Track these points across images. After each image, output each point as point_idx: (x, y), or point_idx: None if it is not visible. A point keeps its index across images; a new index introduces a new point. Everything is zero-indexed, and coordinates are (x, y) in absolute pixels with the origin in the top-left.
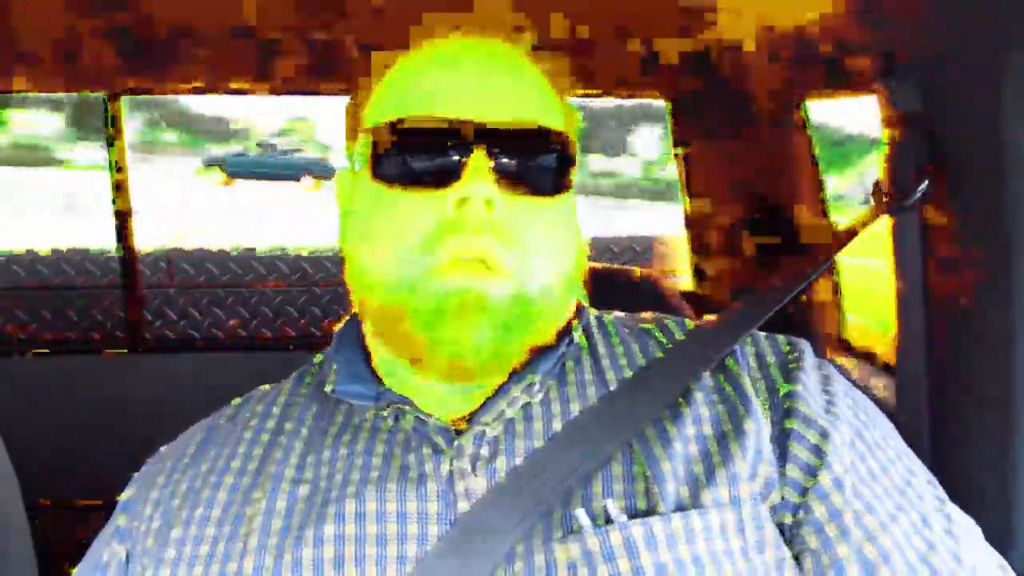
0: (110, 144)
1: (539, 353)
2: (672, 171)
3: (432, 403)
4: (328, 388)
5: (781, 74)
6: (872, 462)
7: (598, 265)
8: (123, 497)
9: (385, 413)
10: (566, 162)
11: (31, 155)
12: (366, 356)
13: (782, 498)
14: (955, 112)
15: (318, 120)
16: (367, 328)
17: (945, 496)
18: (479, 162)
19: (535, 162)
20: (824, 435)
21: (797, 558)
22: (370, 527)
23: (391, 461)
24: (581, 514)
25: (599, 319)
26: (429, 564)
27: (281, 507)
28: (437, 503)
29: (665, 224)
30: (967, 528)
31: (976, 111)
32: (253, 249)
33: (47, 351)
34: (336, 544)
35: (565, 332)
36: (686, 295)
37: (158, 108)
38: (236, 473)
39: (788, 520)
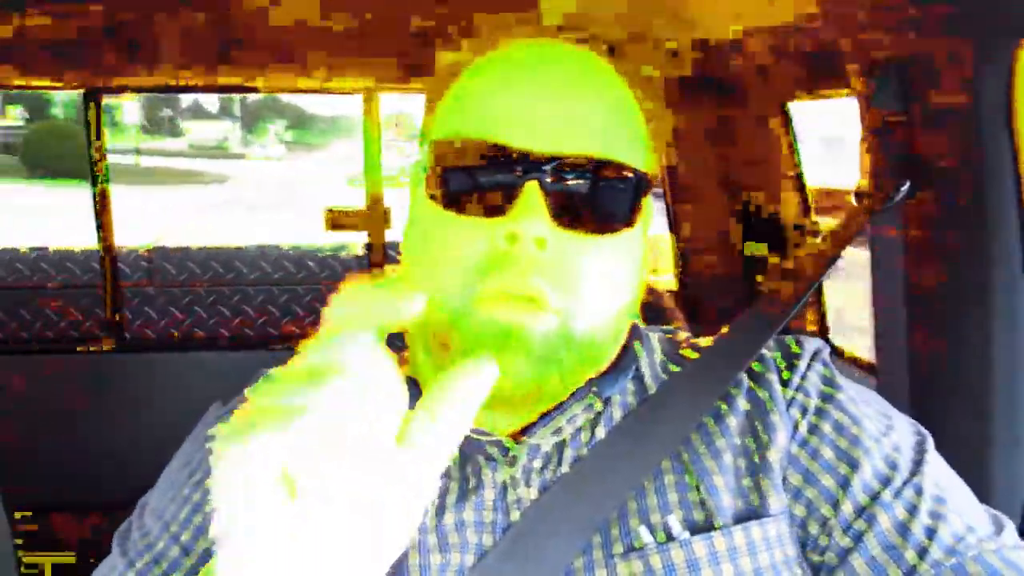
0: (90, 142)
1: (605, 375)
2: None
3: (483, 414)
4: None
5: (764, 75)
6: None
7: None
8: (153, 498)
9: None
10: (635, 195)
11: (220, 151)
12: (404, 360)
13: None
14: (935, 115)
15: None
16: (411, 333)
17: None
18: (532, 195)
19: (597, 198)
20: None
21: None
22: (431, 537)
23: (446, 470)
24: (643, 531)
25: (647, 339)
26: (488, 568)
27: None
28: (493, 513)
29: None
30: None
31: (956, 114)
32: (235, 248)
33: (25, 350)
34: (402, 555)
35: (631, 356)
36: (672, 295)
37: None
38: None
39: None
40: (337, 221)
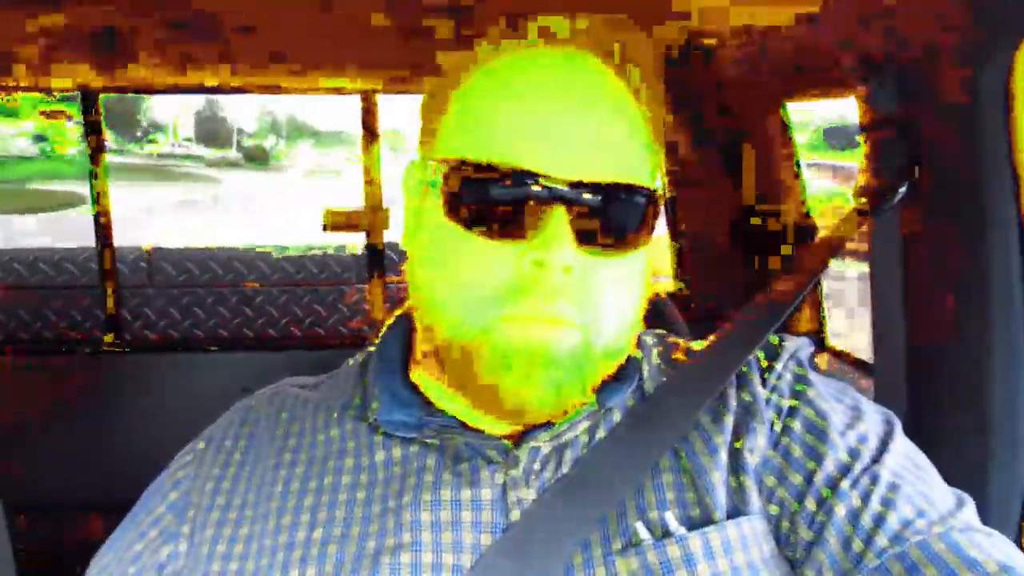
0: (90, 144)
1: (608, 383)
2: None
3: (485, 418)
4: (371, 419)
5: (762, 76)
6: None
7: None
8: (172, 497)
9: (430, 442)
10: (649, 212)
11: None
12: (408, 367)
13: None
14: (934, 114)
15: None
16: (420, 345)
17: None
18: (559, 222)
19: (617, 220)
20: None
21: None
22: (425, 535)
23: (443, 469)
24: (640, 527)
25: (644, 346)
26: (488, 565)
27: (340, 516)
28: (491, 513)
29: None
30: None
31: (955, 114)
32: (234, 249)
33: (24, 350)
34: (394, 554)
35: (634, 365)
36: (671, 297)
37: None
38: (287, 481)
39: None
40: (336, 222)
